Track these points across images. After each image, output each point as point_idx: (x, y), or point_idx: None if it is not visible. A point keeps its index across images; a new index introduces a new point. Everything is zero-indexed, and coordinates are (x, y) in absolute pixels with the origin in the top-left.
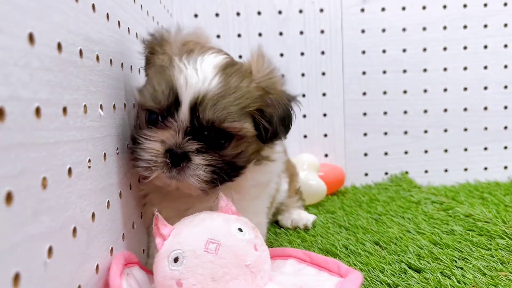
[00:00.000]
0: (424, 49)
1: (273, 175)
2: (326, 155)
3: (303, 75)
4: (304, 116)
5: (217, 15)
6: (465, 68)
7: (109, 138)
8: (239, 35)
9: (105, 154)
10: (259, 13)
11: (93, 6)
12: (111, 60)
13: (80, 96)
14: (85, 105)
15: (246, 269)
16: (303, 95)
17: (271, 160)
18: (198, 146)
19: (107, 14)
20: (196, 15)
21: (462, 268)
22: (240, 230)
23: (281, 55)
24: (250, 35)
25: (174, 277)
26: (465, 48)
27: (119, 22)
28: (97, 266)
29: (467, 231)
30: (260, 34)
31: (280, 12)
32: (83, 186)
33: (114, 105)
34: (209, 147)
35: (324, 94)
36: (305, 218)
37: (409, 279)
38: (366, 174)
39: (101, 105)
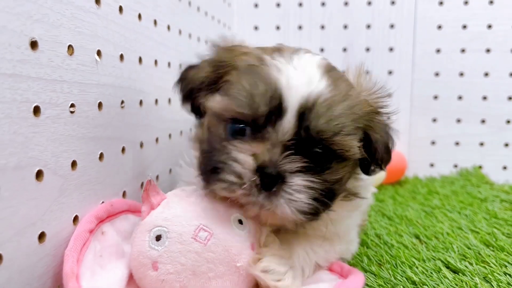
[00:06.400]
0: None
1: (358, 213)
2: None
3: (367, 49)
4: None
5: None
6: None
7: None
8: (300, 5)
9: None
10: None
11: None
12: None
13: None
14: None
15: (235, 270)
16: (366, 72)
17: (360, 198)
18: (301, 165)
19: None
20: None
21: (510, 275)
22: (240, 222)
23: (345, 27)
24: (311, 4)
25: (151, 257)
26: None
27: None
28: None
29: None
30: (323, 4)
31: None
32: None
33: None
34: (310, 168)
35: (390, 72)
36: None
37: (441, 279)
38: (431, 165)
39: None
